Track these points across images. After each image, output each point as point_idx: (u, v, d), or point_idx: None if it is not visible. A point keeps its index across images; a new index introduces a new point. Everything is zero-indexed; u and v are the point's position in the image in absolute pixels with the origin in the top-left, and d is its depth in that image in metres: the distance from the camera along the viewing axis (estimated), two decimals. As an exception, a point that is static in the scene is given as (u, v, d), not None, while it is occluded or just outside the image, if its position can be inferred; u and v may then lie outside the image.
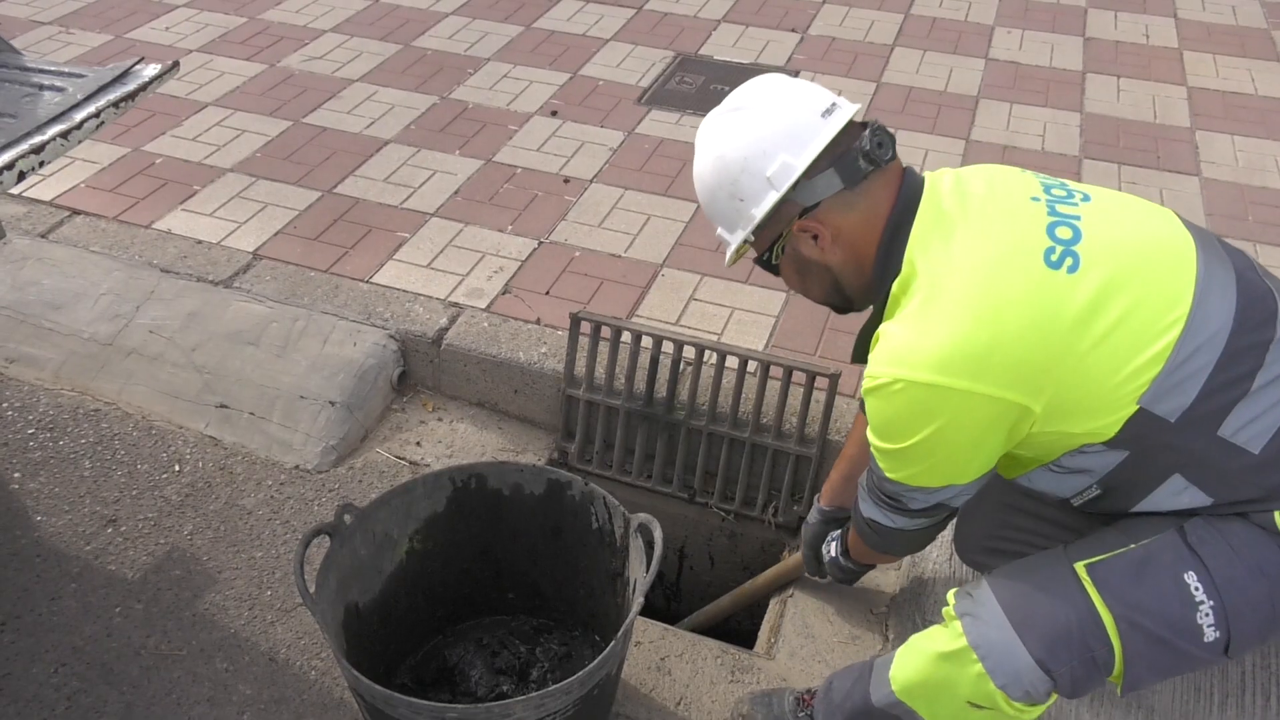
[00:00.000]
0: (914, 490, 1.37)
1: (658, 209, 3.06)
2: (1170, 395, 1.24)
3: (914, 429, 1.27)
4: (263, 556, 2.15)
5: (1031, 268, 1.25)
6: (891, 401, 1.27)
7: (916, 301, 1.28)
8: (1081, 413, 1.26)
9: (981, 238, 1.29)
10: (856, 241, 1.36)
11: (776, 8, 4.46)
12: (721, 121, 1.39)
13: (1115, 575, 1.33)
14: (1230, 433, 1.26)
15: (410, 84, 3.75)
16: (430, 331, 2.56)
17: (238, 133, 3.42)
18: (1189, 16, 4.51)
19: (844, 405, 2.33)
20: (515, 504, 1.89)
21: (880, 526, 1.48)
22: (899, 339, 1.28)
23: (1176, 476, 1.30)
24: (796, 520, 2.30)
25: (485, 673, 1.87)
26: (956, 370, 1.22)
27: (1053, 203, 1.32)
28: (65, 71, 1.81)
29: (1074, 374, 1.23)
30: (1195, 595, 1.29)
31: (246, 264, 2.79)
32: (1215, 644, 1.30)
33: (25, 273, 2.76)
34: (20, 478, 2.29)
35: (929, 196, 1.34)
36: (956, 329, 1.23)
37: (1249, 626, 1.30)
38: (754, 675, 1.95)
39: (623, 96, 3.70)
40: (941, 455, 1.30)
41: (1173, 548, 1.32)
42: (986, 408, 1.24)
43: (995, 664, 1.34)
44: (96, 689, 1.87)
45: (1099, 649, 1.31)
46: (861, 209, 1.34)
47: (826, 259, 1.38)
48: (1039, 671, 1.32)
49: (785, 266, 1.44)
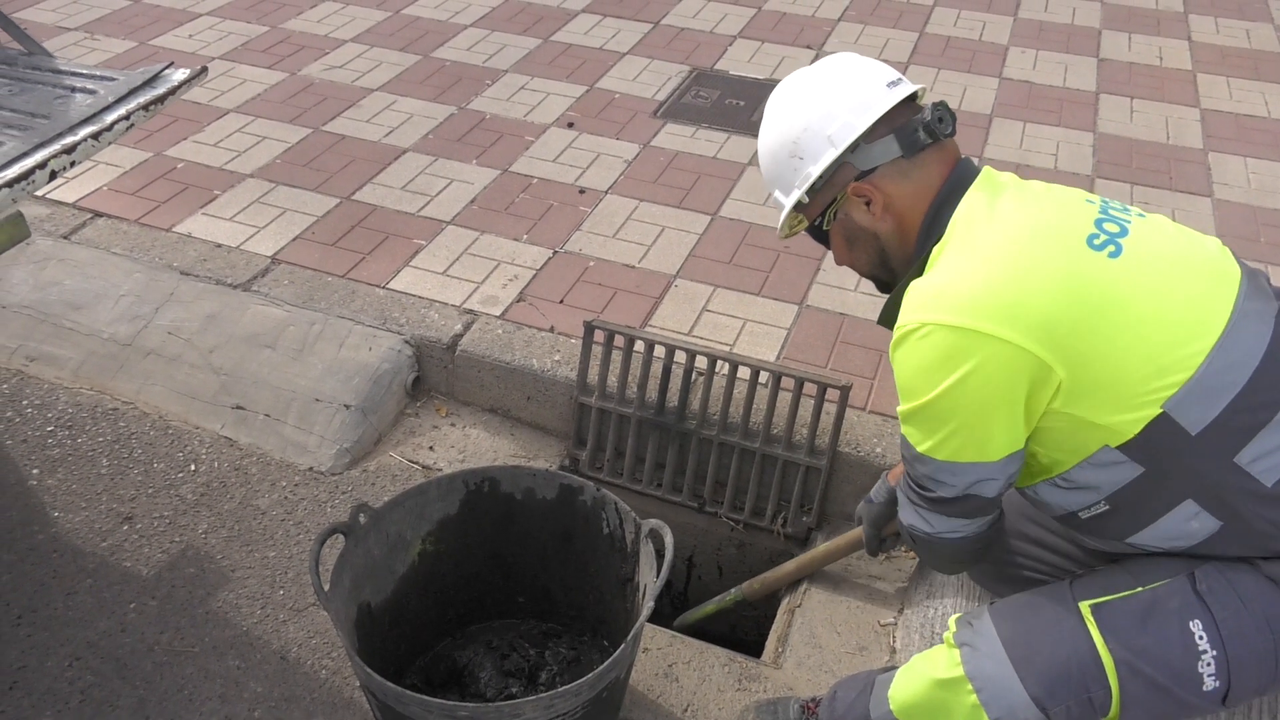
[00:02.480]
0: (943, 469, 1.33)
1: (672, 221, 3.09)
2: (1196, 405, 1.22)
3: (941, 374, 1.25)
4: (276, 556, 2.17)
5: (1072, 243, 1.27)
6: (918, 348, 1.27)
7: (950, 252, 1.31)
8: (1105, 398, 1.24)
9: (1027, 209, 1.32)
10: (905, 211, 1.38)
11: (792, 24, 4.50)
12: (790, 86, 1.44)
13: (1121, 618, 1.32)
14: (1247, 460, 1.24)
15: (429, 94, 3.79)
16: (445, 337, 2.59)
17: (258, 139, 3.46)
18: (1203, 39, 4.53)
19: (854, 417, 2.34)
20: (527, 508, 1.91)
21: (919, 532, 1.45)
22: (928, 286, 1.29)
23: (1189, 502, 1.28)
24: (805, 531, 2.31)
25: (494, 675, 1.88)
26: (984, 314, 1.22)
27: (1106, 206, 1.35)
28: (97, 74, 1.85)
29: (1102, 351, 1.22)
30: (1199, 644, 1.28)
31: (265, 268, 2.83)
32: (1214, 693, 1.29)
33: (47, 273, 2.81)
34: (39, 474, 2.32)
35: (984, 180, 1.37)
36: (988, 275, 1.25)
37: (1249, 678, 1.29)
38: (761, 684, 1.96)
39: (638, 110, 3.73)
40: (967, 414, 1.27)
41: (1181, 594, 1.31)
42: (1011, 358, 1.22)
43: (990, 697, 1.34)
44: (110, 683, 1.89)
45: (1096, 691, 1.30)
46: (915, 179, 1.37)
47: (876, 226, 1.40)
48: (1034, 709, 1.31)
49: (835, 234, 1.46)
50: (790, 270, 2.87)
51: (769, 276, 2.84)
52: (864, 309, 2.72)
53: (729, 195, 3.22)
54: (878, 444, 2.29)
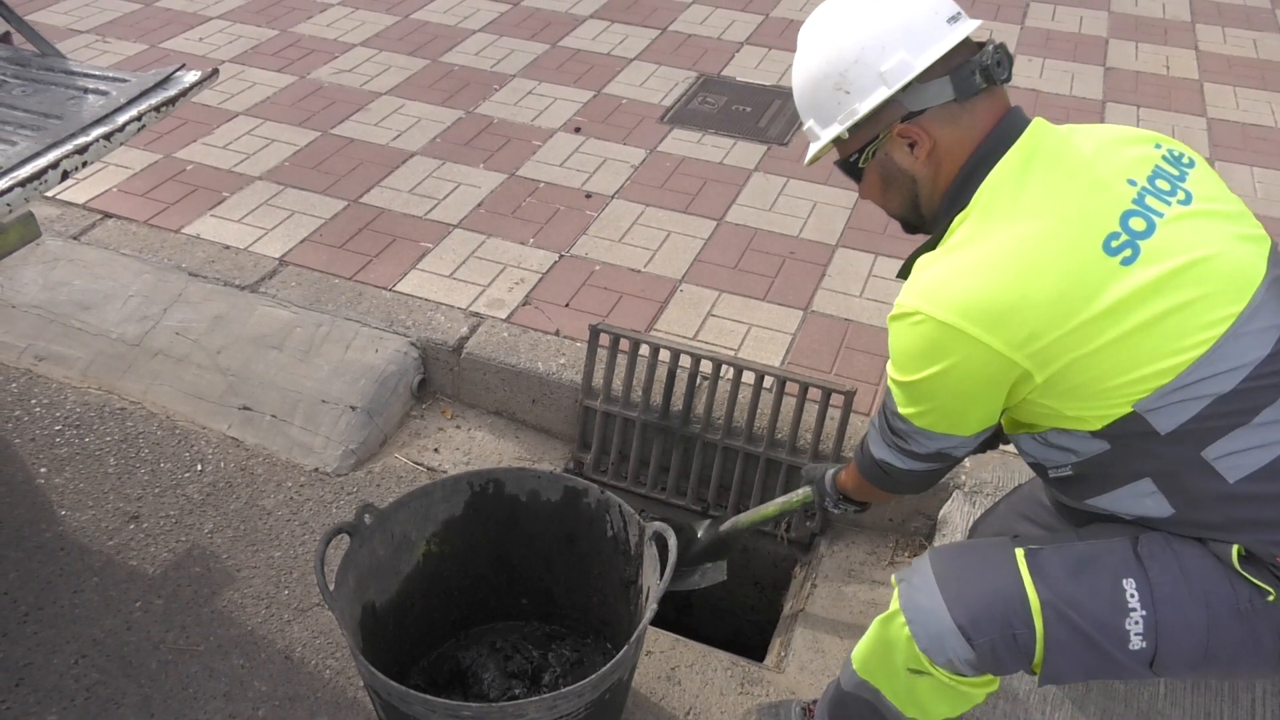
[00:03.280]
0: (919, 433, 1.38)
1: (678, 226, 3.10)
2: (1167, 410, 1.23)
3: (925, 363, 1.28)
4: (281, 556, 2.18)
5: (1087, 246, 1.23)
6: (910, 332, 1.29)
7: (962, 239, 1.28)
8: (1076, 398, 1.26)
9: (1052, 200, 1.26)
10: (945, 159, 1.33)
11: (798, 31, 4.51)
12: (840, 8, 1.34)
13: (1052, 565, 1.34)
14: (1214, 456, 1.25)
15: (437, 98, 3.81)
16: (451, 340, 2.60)
17: (267, 142, 3.48)
18: (1210, 49, 4.53)
19: (859, 423, 2.35)
20: (532, 510, 1.92)
21: (892, 468, 1.48)
22: (932, 275, 1.28)
23: (1147, 480, 1.30)
24: (809, 536, 2.32)
25: (498, 676, 1.89)
26: (975, 318, 1.23)
27: (1145, 193, 1.28)
28: (109, 76, 1.86)
29: (1084, 361, 1.23)
30: (1129, 602, 1.29)
31: (273, 270, 2.84)
32: (1141, 654, 1.30)
33: (57, 273, 2.82)
34: (47, 473, 2.34)
35: (1027, 140, 1.31)
36: (988, 279, 1.23)
37: (1178, 648, 1.29)
38: (763, 688, 1.96)
39: (645, 115, 3.75)
40: (946, 399, 1.31)
41: (1120, 553, 1.33)
42: (993, 361, 1.24)
43: (919, 628, 1.37)
44: (115, 681, 1.90)
45: (1021, 630, 1.32)
46: (964, 126, 1.31)
47: (916, 171, 1.35)
48: (960, 639, 1.33)
49: (870, 173, 1.39)
50: (795, 275, 2.87)
51: (774, 282, 2.85)
52: (869, 315, 2.73)
53: (735, 200, 3.23)
54: (882, 449, 2.29)
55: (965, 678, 1.38)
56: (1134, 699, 1.78)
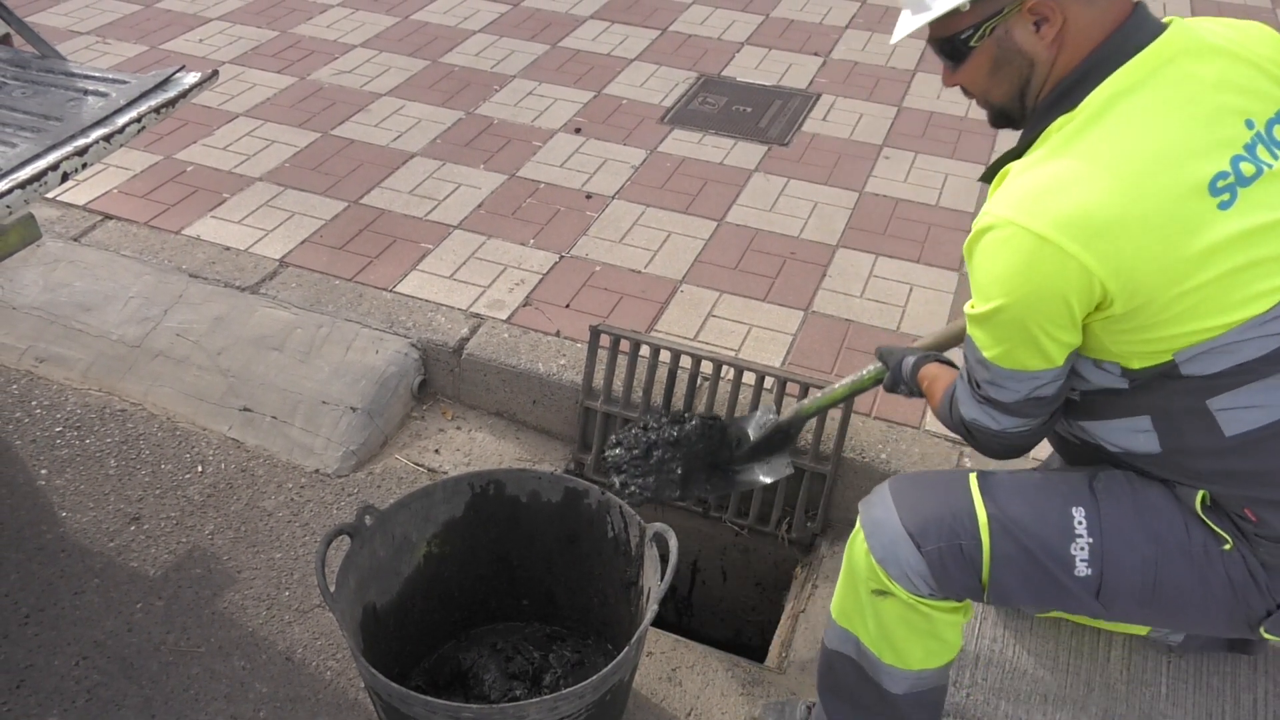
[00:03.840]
0: (1006, 377, 1.29)
1: (678, 226, 3.10)
2: (1200, 360, 1.22)
3: (1012, 284, 1.20)
4: (282, 557, 2.18)
5: (1194, 181, 1.17)
6: (999, 248, 1.20)
7: (1061, 146, 1.21)
8: (1135, 335, 1.23)
9: (1166, 127, 1.19)
10: (1070, 44, 1.23)
11: (800, 31, 4.51)
12: None
13: (1002, 488, 1.38)
14: (1218, 407, 1.24)
15: (437, 99, 3.81)
16: (451, 341, 2.60)
17: (267, 143, 3.48)
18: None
19: (859, 423, 2.35)
20: (532, 511, 1.92)
21: (983, 429, 1.38)
22: (1028, 185, 1.20)
23: (1145, 418, 1.30)
24: (810, 537, 2.32)
25: (499, 677, 1.89)
26: (1074, 233, 1.15)
27: (1259, 140, 1.22)
28: (109, 77, 1.87)
29: (1164, 302, 1.18)
30: (1076, 529, 1.32)
31: (273, 271, 2.84)
32: (1086, 582, 1.33)
33: (57, 274, 2.82)
34: (47, 474, 2.34)
35: (1158, 50, 1.22)
36: (1090, 193, 1.16)
37: (1124, 578, 1.32)
38: (765, 689, 1.96)
39: (646, 115, 3.75)
40: (1031, 327, 1.22)
41: (1074, 484, 1.36)
42: (1083, 281, 1.17)
43: (874, 540, 1.42)
44: (116, 683, 1.90)
45: (967, 541, 1.35)
46: (1100, 8, 1.22)
47: (1037, 53, 1.25)
48: (910, 545, 1.37)
49: (982, 53, 1.27)
50: (796, 276, 2.87)
51: (775, 282, 2.85)
52: (869, 315, 2.73)
53: (735, 201, 3.23)
54: (882, 450, 2.29)
55: (925, 599, 1.40)
56: (1135, 699, 1.77)
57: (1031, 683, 1.80)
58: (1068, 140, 1.21)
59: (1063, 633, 1.88)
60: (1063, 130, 1.22)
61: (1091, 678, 1.81)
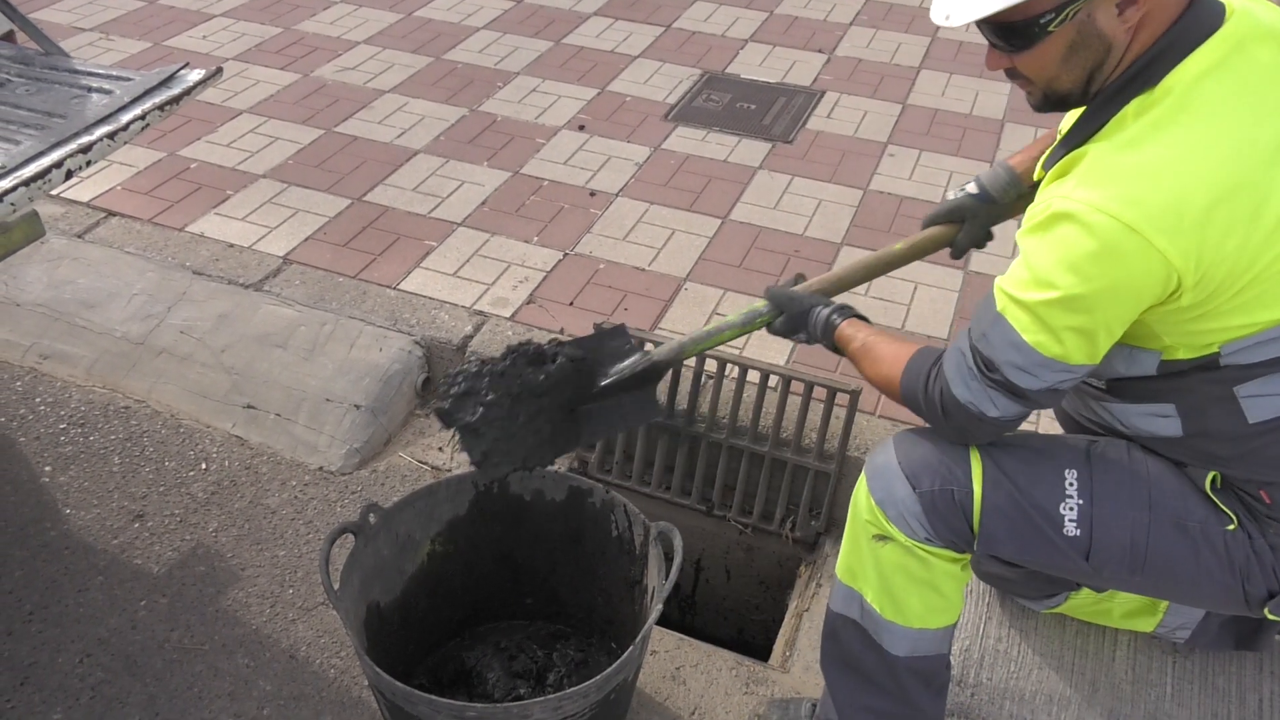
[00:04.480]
0: (1041, 364, 1.23)
1: (682, 224, 3.09)
2: (1244, 352, 1.23)
3: (1087, 273, 1.15)
4: (285, 555, 2.18)
5: (1271, 171, 1.15)
6: (1080, 235, 1.14)
7: (1148, 132, 1.17)
8: (1188, 330, 1.23)
9: (1255, 112, 1.17)
10: (1146, 25, 1.19)
11: (804, 28, 4.50)
12: None
13: (999, 448, 1.39)
14: (1244, 393, 1.25)
15: (440, 96, 3.81)
16: (455, 339, 2.59)
17: (271, 140, 3.48)
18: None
19: (864, 422, 2.34)
20: (536, 510, 1.91)
21: (978, 413, 1.30)
22: (1118, 172, 1.16)
23: (1170, 405, 1.31)
24: (814, 535, 2.31)
25: (502, 676, 1.88)
26: (1163, 225, 1.12)
27: None
28: (113, 75, 1.86)
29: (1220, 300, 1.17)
30: (1067, 490, 1.34)
31: (277, 268, 2.84)
32: (1076, 542, 1.34)
33: (61, 271, 2.82)
34: (51, 471, 2.34)
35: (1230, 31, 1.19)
36: (1183, 185, 1.12)
37: (1112, 540, 1.33)
38: (768, 687, 1.95)
39: (649, 112, 3.74)
40: (1100, 317, 1.18)
41: (1071, 450, 1.38)
42: (1159, 273, 1.14)
43: (874, 481, 1.45)
44: (120, 680, 1.90)
45: (960, 487, 1.37)
46: None
47: (1116, 36, 1.19)
48: (905, 484, 1.39)
49: (1058, 37, 1.19)
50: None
51: (779, 280, 2.84)
52: (874, 313, 2.71)
53: (739, 198, 3.23)
54: (887, 449, 2.29)
55: (922, 544, 1.41)
56: (1140, 699, 1.77)
57: (1036, 682, 1.80)
58: (1157, 125, 1.17)
59: (1068, 632, 1.87)
60: (1148, 114, 1.18)
61: (1097, 678, 1.81)
